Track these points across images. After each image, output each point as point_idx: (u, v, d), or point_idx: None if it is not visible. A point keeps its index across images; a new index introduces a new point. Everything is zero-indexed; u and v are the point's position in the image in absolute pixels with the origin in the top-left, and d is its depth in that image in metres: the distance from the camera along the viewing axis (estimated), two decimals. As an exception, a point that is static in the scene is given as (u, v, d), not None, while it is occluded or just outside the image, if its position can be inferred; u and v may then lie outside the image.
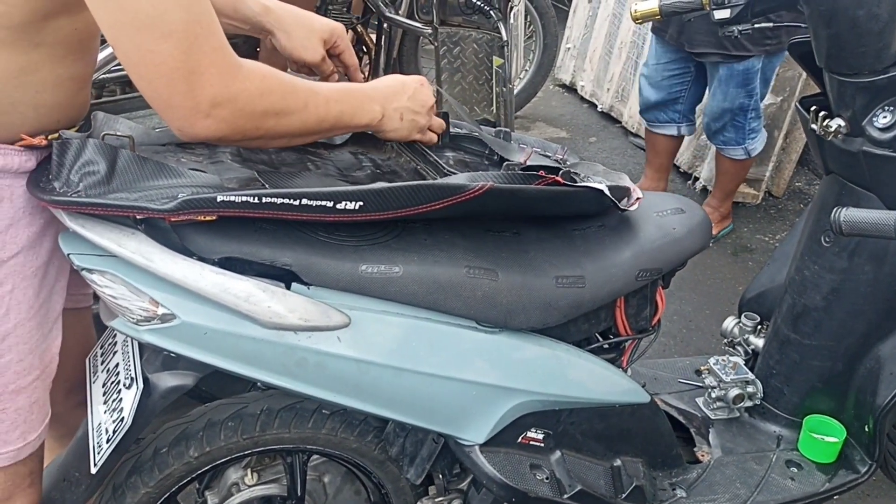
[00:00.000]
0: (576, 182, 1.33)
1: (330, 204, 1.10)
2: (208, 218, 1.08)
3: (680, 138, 3.48)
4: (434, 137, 1.39)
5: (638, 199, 1.43)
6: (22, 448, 1.21)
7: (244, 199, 1.06)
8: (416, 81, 1.32)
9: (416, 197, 1.15)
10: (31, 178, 1.11)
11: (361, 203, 1.12)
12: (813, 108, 1.64)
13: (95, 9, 0.96)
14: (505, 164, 1.34)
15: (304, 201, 1.09)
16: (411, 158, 1.36)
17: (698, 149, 3.90)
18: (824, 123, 1.60)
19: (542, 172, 1.29)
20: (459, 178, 1.21)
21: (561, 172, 1.30)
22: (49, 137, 1.13)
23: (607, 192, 1.33)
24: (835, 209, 1.23)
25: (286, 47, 1.40)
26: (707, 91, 3.27)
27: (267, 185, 1.13)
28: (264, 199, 1.07)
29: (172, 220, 1.07)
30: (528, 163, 1.38)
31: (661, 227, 1.46)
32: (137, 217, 1.09)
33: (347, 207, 1.12)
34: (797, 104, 1.75)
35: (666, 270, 1.46)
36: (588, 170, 1.42)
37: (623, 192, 1.41)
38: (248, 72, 1.05)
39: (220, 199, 1.05)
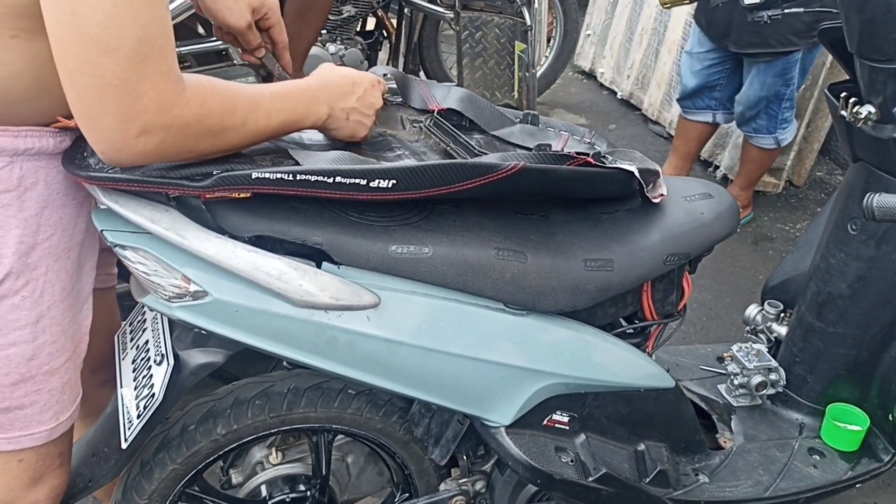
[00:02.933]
0: (606, 163, 1.33)
1: (363, 182, 1.11)
2: (243, 195, 1.08)
3: (714, 126, 3.45)
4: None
5: (662, 195, 1.43)
6: (54, 428, 1.22)
7: (279, 176, 1.06)
8: (369, 81, 1.27)
9: (449, 176, 1.15)
10: (66, 154, 1.12)
11: (394, 181, 1.12)
12: (843, 94, 1.62)
13: (45, 4, 0.91)
14: (537, 144, 1.34)
15: (338, 179, 1.09)
16: (440, 140, 1.36)
17: (719, 137, 3.88)
18: (854, 110, 1.59)
19: (573, 153, 1.28)
20: (491, 158, 1.21)
21: (592, 153, 1.30)
22: None
23: (637, 174, 1.33)
24: (867, 195, 1.22)
25: (211, 8, 1.35)
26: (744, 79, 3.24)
27: (299, 159, 1.13)
28: (299, 177, 1.07)
29: (207, 196, 1.07)
30: (565, 150, 1.37)
31: (689, 212, 1.45)
32: (171, 194, 1.09)
33: (381, 185, 1.12)
34: (826, 91, 1.74)
35: (694, 255, 1.45)
36: (625, 156, 1.41)
37: (652, 176, 1.41)
38: (190, 96, 0.98)
39: (254, 175, 1.06)
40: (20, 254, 1.09)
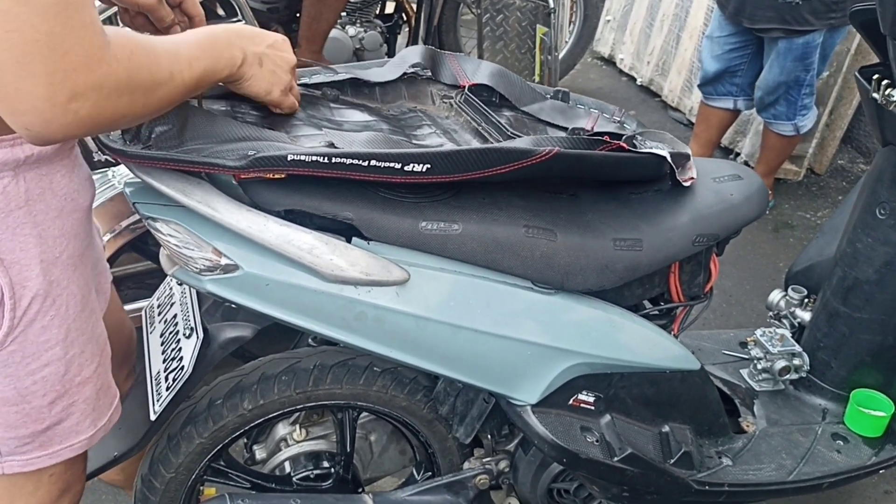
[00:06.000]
0: (638, 147, 1.32)
1: (398, 166, 1.10)
2: (277, 176, 1.08)
3: (735, 113, 3.42)
4: (296, 104, 1.24)
5: (692, 178, 1.42)
6: (93, 435, 1.19)
7: (314, 158, 1.06)
8: (276, 36, 1.18)
9: (483, 160, 1.15)
10: None
11: (429, 166, 1.12)
12: (875, 76, 1.61)
13: None
14: (570, 128, 1.33)
15: (373, 162, 1.09)
16: (472, 118, 1.36)
17: (740, 123, 3.85)
18: (886, 92, 1.58)
19: (606, 137, 1.28)
20: (525, 142, 1.20)
21: (625, 138, 1.29)
22: None
23: (669, 158, 1.32)
24: (902, 176, 1.21)
25: None
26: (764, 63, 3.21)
27: (335, 141, 1.13)
28: (334, 160, 1.07)
29: (242, 177, 1.07)
30: (595, 129, 1.36)
31: (718, 193, 1.44)
32: (206, 173, 1.09)
33: (415, 170, 1.11)
34: (856, 73, 1.72)
35: (722, 237, 1.44)
36: (655, 137, 1.40)
37: (683, 159, 1.40)
38: (116, 50, 0.86)
39: (290, 157, 1.05)
40: (44, 272, 1.03)
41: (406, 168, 1.11)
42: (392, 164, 1.10)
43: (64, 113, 0.83)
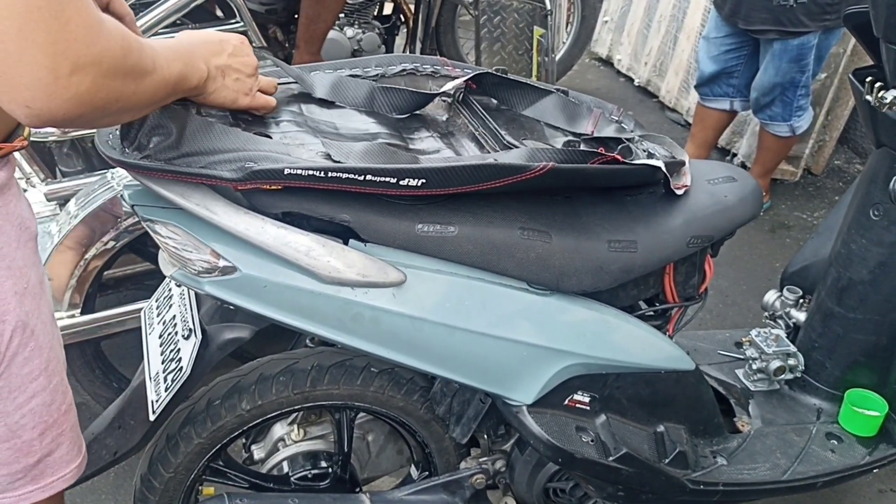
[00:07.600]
0: (633, 154, 1.33)
1: (393, 180, 1.12)
2: (274, 187, 1.09)
3: (731, 114, 3.43)
4: (271, 101, 1.23)
5: (685, 185, 1.43)
6: (80, 463, 1.19)
7: (310, 172, 1.07)
8: (236, 38, 1.17)
9: (478, 175, 1.16)
10: (99, 134, 1.11)
11: (424, 181, 1.13)
12: (868, 79, 1.62)
13: None
14: (565, 140, 1.35)
15: (369, 177, 1.10)
16: (469, 121, 1.37)
17: (737, 124, 3.86)
18: (879, 95, 1.59)
19: (601, 150, 1.29)
20: (519, 156, 1.22)
21: (620, 148, 1.30)
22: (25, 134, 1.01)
23: (664, 169, 1.34)
24: (894, 179, 1.23)
25: None
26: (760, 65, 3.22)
27: (331, 153, 1.14)
28: (330, 174, 1.08)
29: (239, 188, 1.09)
30: (595, 132, 1.37)
31: (712, 195, 1.46)
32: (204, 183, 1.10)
33: (410, 184, 1.13)
34: (850, 75, 1.73)
35: (717, 238, 1.46)
36: (654, 141, 1.41)
37: (678, 166, 1.41)
38: (111, 28, 0.85)
39: (287, 171, 1.06)
40: (19, 304, 1.01)
41: (401, 182, 1.13)
42: (388, 179, 1.12)
43: (66, 86, 0.80)
